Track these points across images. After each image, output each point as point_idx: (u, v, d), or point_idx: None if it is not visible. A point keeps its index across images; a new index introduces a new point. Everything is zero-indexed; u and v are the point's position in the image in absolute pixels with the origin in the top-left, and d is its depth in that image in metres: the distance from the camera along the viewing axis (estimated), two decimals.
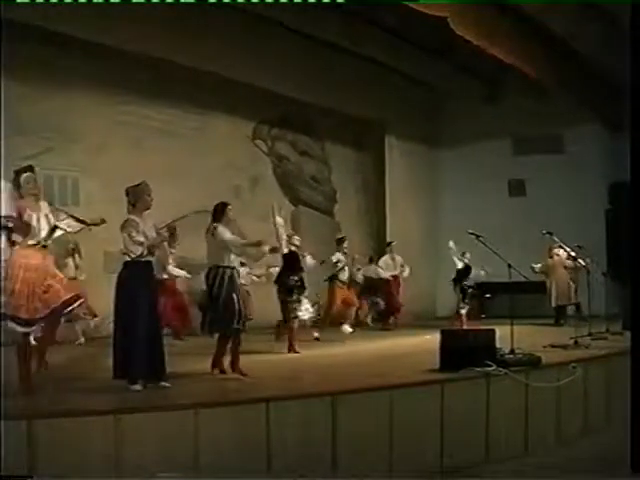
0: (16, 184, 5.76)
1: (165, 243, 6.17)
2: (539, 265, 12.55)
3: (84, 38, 10.32)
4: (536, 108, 15.38)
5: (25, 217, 5.63)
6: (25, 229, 5.61)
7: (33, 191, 5.77)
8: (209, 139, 13.09)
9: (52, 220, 5.79)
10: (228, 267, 6.73)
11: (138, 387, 5.82)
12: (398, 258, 13.18)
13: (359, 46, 13.09)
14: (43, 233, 5.70)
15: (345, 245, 11.37)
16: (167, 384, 5.97)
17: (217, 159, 13.12)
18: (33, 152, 10.62)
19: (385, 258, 13.27)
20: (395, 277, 13.07)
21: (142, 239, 5.88)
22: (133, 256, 5.90)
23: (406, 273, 13.12)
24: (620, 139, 9.95)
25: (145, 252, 5.90)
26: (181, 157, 12.35)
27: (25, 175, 5.78)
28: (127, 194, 6.10)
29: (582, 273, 11.32)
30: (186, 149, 12.56)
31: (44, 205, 5.83)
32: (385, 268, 13.05)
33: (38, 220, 5.68)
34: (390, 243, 13.57)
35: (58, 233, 5.86)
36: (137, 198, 6.05)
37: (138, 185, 6.10)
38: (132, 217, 6.00)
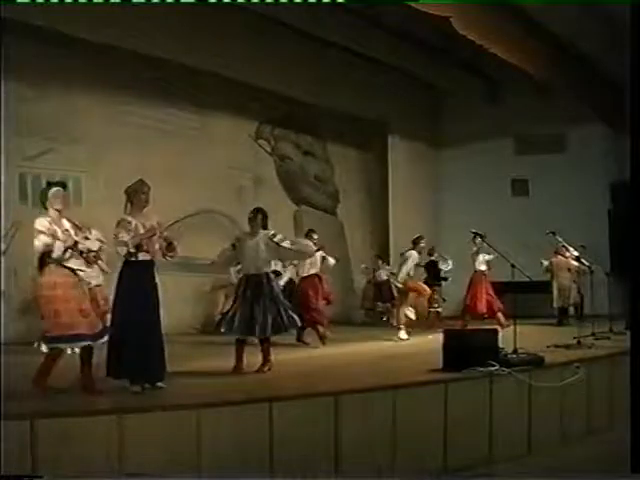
0: (43, 197, 5.75)
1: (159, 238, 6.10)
2: (547, 262, 12.48)
3: (85, 38, 10.32)
4: (538, 107, 15.37)
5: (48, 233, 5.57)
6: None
7: (57, 207, 5.72)
8: (212, 139, 13.09)
9: (71, 239, 5.68)
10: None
11: (138, 388, 5.81)
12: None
13: (361, 46, 13.09)
14: (58, 252, 5.61)
15: (422, 244, 11.23)
16: (162, 385, 5.96)
17: (220, 159, 13.12)
18: (35, 152, 10.66)
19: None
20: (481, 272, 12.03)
21: (126, 239, 5.85)
22: (120, 256, 5.90)
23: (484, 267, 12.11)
24: (623, 139, 9.93)
25: (132, 250, 5.86)
26: (184, 157, 12.35)
27: (54, 190, 5.76)
28: (126, 193, 6.10)
29: (585, 273, 11.32)
30: (188, 149, 12.56)
31: (65, 222, 5.74)
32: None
33: (55, 237, 5.59)
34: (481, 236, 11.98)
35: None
36: (133, 196, 6.05)
37: (134, 183, 6.10)
38: (124, 217, 5.98)
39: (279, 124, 14.73)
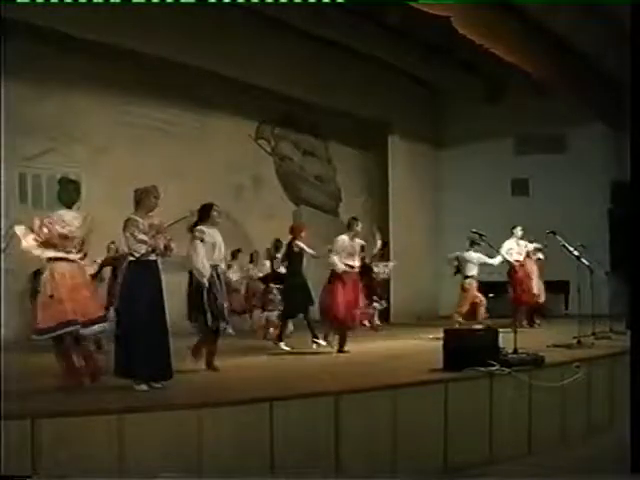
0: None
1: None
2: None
3: (85, 38, 10.33)
4: (538, 107, 15.37)
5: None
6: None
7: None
8: (211, 139, 13.10)
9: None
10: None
11: (144, 387, 5.81)
12: (523, 242, 11.71)
13: (361, 45, 13.08)
14: None
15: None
16: (163, 385, 5.96)
17: (220, 159, 13.14)
18: (35, 152, 10.68)
19: (509, 242, 11.51)
20: (522, 264, 11.53)
21: (145, 237, 5.87)
22: (137, 255, 5.89)
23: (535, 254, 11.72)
24: (623, 138, 9.95)
25: (150, 249, 5.89)
26: (183, 157, 12.36)
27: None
28: (135, 194, 6.11)
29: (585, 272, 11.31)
30: (188, 149, 12.57)
31: None
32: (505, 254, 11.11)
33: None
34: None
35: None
36: (142, 198, 6.04)
37: (146, 187, 6.10)
38: (133, 216, 5.98)
39: (279, 124, 14.75)
